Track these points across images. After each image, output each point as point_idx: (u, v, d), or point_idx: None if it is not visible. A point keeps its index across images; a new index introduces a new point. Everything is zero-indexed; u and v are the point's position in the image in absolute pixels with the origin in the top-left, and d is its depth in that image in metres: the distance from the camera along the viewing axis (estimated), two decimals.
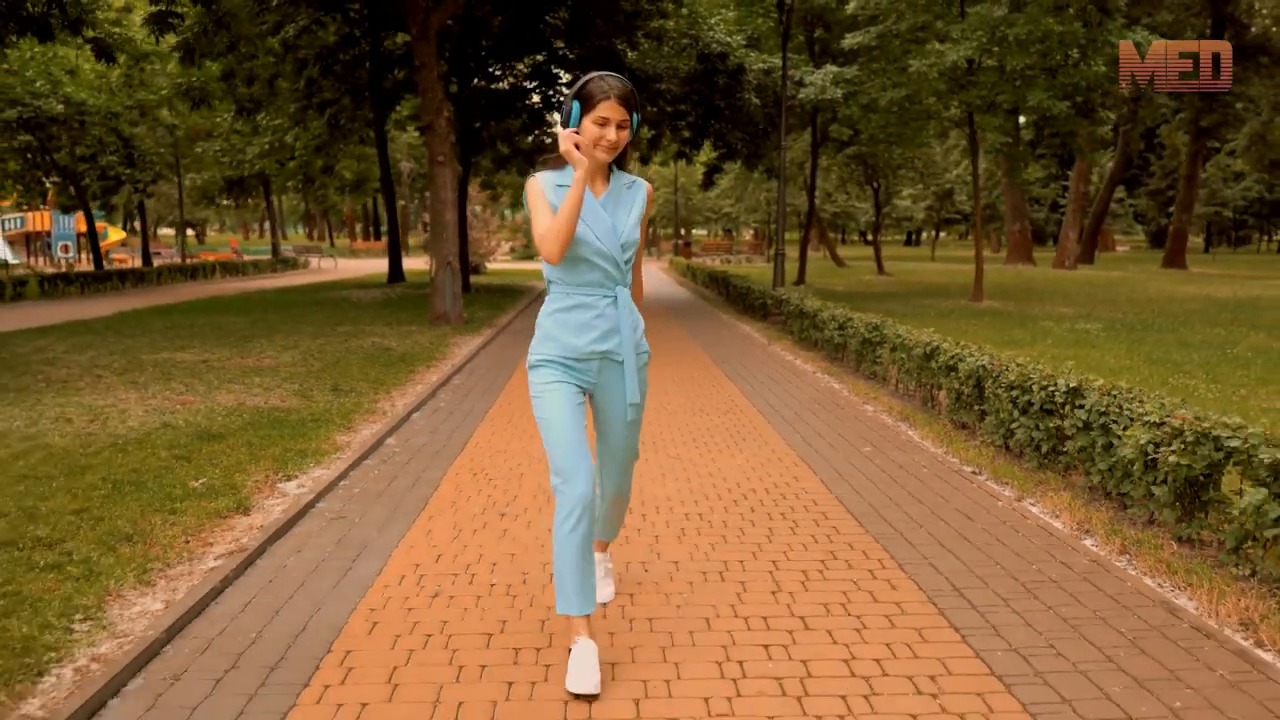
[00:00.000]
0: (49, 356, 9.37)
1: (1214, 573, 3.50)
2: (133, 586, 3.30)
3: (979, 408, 5.95)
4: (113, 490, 4.44)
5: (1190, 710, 2.53)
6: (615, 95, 2.60)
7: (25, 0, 9.63)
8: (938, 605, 3.25)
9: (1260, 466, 3.48)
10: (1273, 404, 7.14)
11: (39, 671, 2.65)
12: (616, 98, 2.60)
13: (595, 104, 2.60)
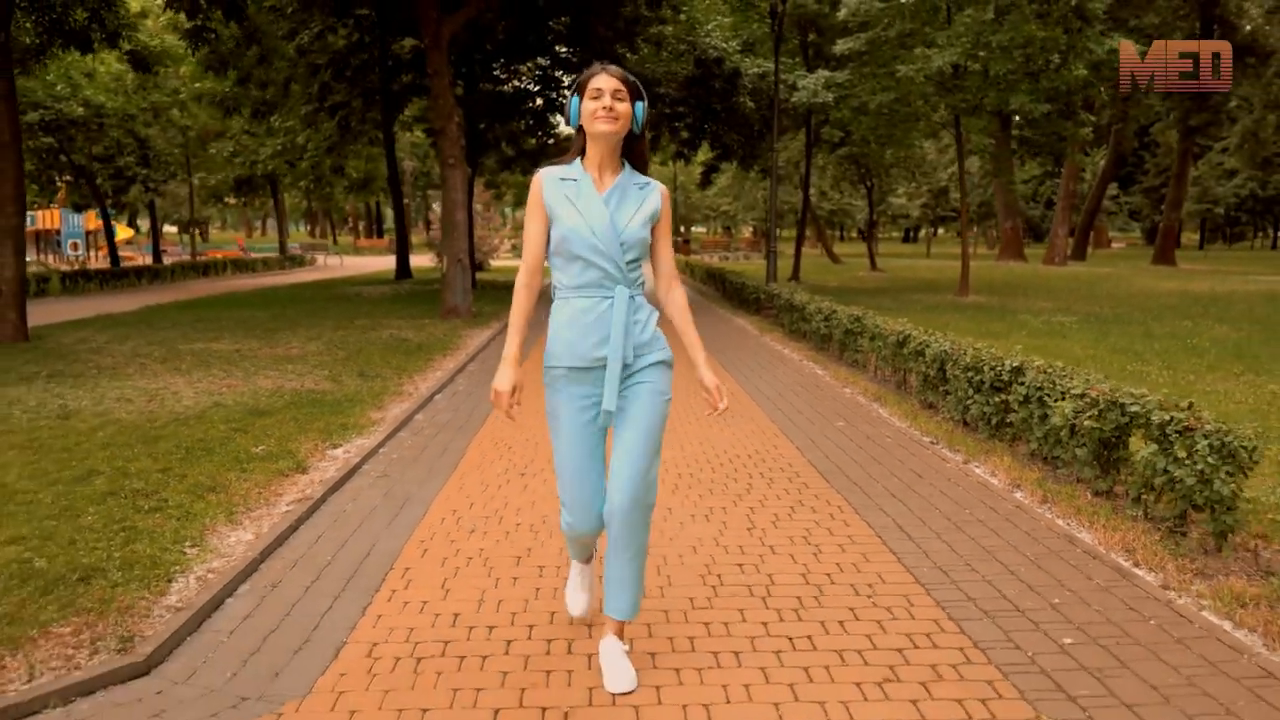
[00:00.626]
0: (93, 347, 10.09)
1: (1114, 515, 4.23)
2: (224, 524, 4.03)
3: (943, 388, 6.69)
4: (187, 454, 5.18)
5: (1065, 605, 3.26)
6: (606, 70, 2.58)
7: (69, 15, 10.41)
8: (882, 538, 3.99)
9: (1153, 427, 4.21)
10: (1215, 387, 7.87)
11: (169, 578, 3.38)
12: (607, 72, 2.57)
13: (587, 82, 2.57)
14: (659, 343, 2.69)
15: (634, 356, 2.63)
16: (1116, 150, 41.92)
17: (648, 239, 2.66)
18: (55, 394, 7.09)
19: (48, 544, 3.68)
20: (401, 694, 2.64)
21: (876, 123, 18.23)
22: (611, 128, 2.54)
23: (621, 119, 2.55)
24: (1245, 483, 3.83)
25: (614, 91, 2.54)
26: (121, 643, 2.84)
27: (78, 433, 5.75)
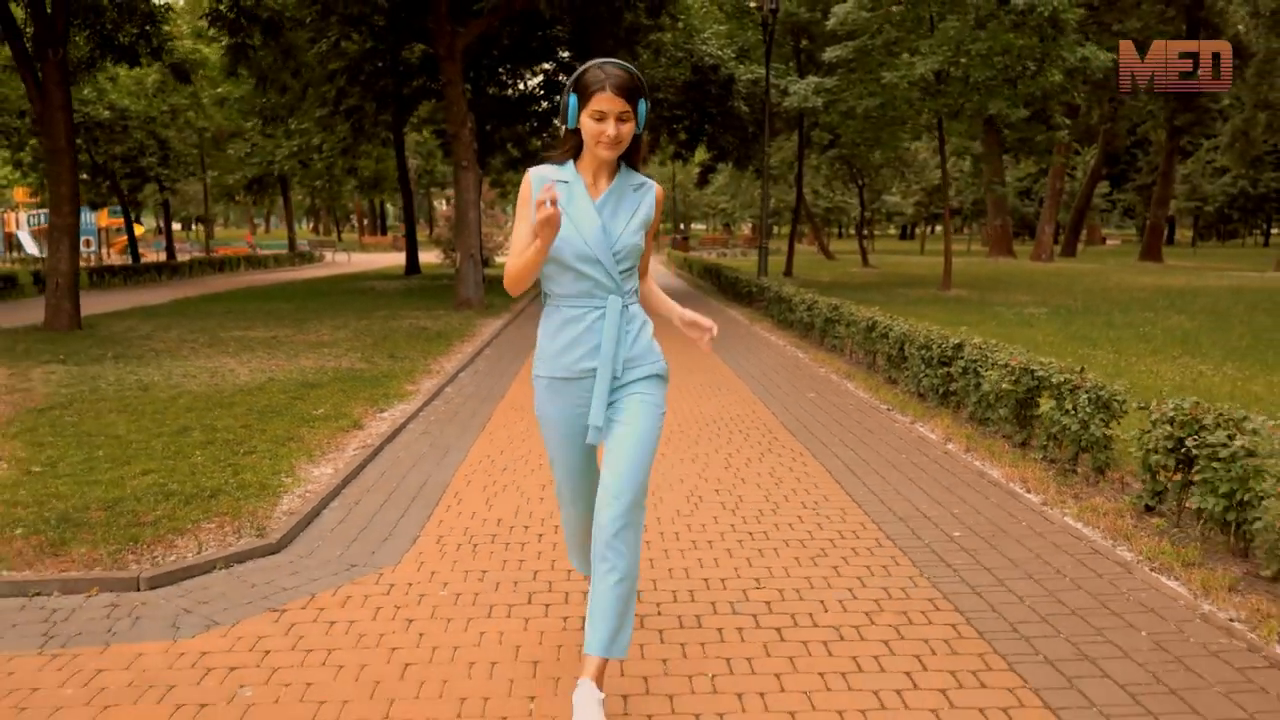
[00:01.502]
0: (142, 334, 11.11)
1: (1022, 459, 5.25)
2: (307, 462, 5.05)
3: (903, 366, 7.70)
4: (259, 416, 6.19)
5: (961, 514, 4.28)
6: (612, 86, 2.31)
7: (118, 32, 11.42)
8: (830, 472, 5.01)
9: (1054, 387, 5.22)
10: (1151, 368, 8.86)
11: (276, 496, 4.40)
12: (613, 88, 2.31)
13: (591, 96, 2.33)
14: (653, 355, 2.54)
15: (624, 369, 2.48)
16: (1106, 149, 42.92)
17: (642, 246, 2.51)
18: (128, 371, 8.11)
19: (173, 475, 4.69)
20: (464, 561, 3.67)
21: (864, 126, 19.23)
22: (615, 153, 2.40)
23: (625, 141, 2.38)
24: (1119, 429, 4.84)
25: (619, 114, 2.33)
26: (258, 532, 3.87)
27: (160, 400, 6.77)
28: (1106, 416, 4.79)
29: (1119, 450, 4.87)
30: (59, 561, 3.53)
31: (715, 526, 4.12)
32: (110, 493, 4.36)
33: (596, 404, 2.45)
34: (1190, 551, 3.71)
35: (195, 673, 2.75)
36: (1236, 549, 3.76)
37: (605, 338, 2.45)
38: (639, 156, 2.51)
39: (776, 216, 45.99)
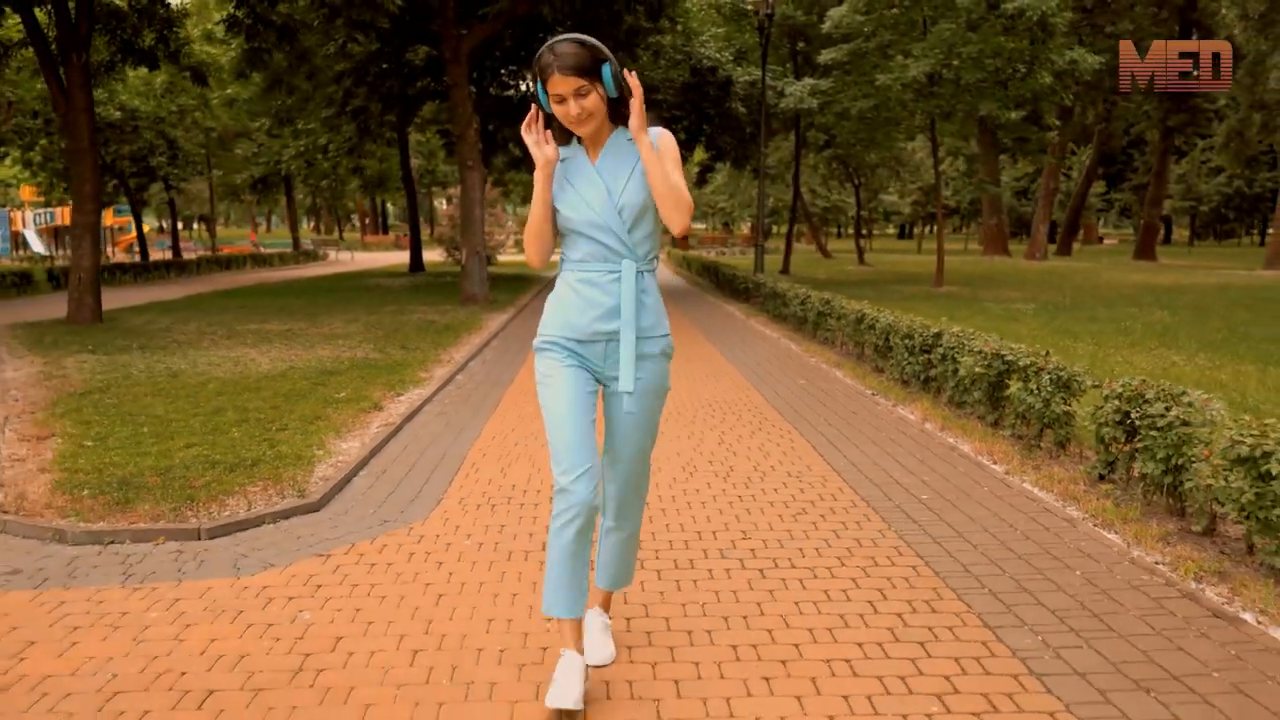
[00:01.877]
0: (162, 327, 11.56)
1: (992, 436, 5.71)
2: (335, 438, 5.50)
3: (888, 355, 8.16)
4: (285, 399, 6.65)
5: (932, 481, 4.74)
6: (559, 68, 2.30)
7: (137, 37, 11.87)
8: (815, 448, 5.47)
9: (1021, 370, 5.68)
10: (1127, 359, 9.31)
11: (311, 465, 4.85)
12: (560, 70, 2.30)
13: (547, 82, 2.34)
14: (662, 327, 2.56)
15: (637, 339, 2.50)
16: (1102, 149, 43.39)
17: (648, 204, 2.46)
18: (156, 360, 8.57)
19: (215, 448, 5.15)
20: (484, 518, 4.13)
21: (858, 127, 19.69)
22: (589, 127, 2.40)
23: (596, 112, 2.37)
24: (1078, 406, 5.29)
25: (575, 91, 2.32)
26: (299, 493, 4.33)
27: (190, 385, 7.22)
28: (1066, 395, 5.24)
29: (1079, 426, 5.33)
30: (127, 516, 3.99)
31: (708, 490, 4.58)
32: (160, 462, 4.82)
33: (625, 369, 2.47)
34: (1131, 511, 4.17)
35: (259, 601, 3.21)
36: (1173, 509, 4.21)
37: (624, 300, 2.45)
38: (632, 118, 2.39)
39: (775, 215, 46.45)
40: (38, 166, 27.33)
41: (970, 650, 2.84)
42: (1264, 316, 13.77)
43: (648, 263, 2.52)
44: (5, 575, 3.46)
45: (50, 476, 4.60)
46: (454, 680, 2.66)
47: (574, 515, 2.41)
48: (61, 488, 4.37)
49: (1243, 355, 9.52)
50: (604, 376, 2.56)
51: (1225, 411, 4.05)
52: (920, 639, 2.92)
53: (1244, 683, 2.63)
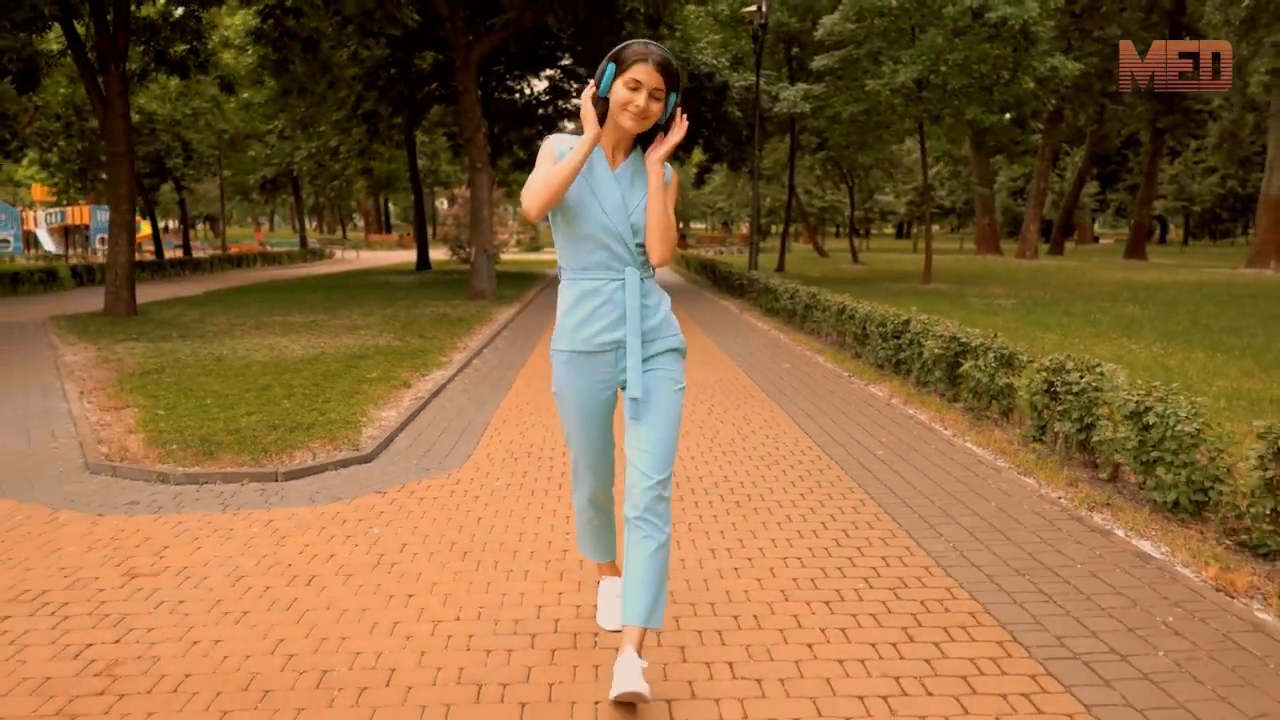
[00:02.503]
0: (192, 319, 12.38)
1: (946, 408, 6.53)
2: (374, 408, 6.32)
3: (866, 342, 8.98)
4: (323, 378, 7.47)
5: (888, 441, 5.56)
6: (654, 61, 2.38)
7: (170, 48, 12.69)
8: (792, 418, 6.29)
9: (974, 350, 6.50)
10: (1089, 348, 10.10)
11: (359, 428, 5.67)
12: (655, 63, 2.38)
13: (629, 66, 2.38)
14: (671, 327, 2.61)
15: (645, 343, 2.54)
16: (1096, 150, 44.22)
17: None
18: (198, 347, 9.39)
19: (273, 415, 5.97)
20: (510, 467, 4.95)
21: (849, 130, 20.50)
22: (637, 127, 2.44)
23: (651, 119, 2.44)
24: (1019, 380, 6.11)
25: (653, 90, 2.40)
26: (353, 448, 5.15)
27: (235, 368, 8.04)
28: (1008, 370, 6.07)
29: (1019, 398, 6.15)
30: (214, 463, 4.82)
31: (695, 448, 5.40)
32: (229, 425, 5.64)
33: (632, 376, 2.49)
34: (1051, 463, 5.00)
35: (336, 521, 4.04)
36: (1087, 461, 5.03)
37: (630, 309, 2.48)
38: (664, 147, 2.53)
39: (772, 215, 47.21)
40: (55, 167, 28.15)
41: (894, 552, 3.66)
42: (1229, 311, 14.58)
43: (648, 270, 2.57)
44: (127, 505, 4.28)
45: (139, 435, 5.42)
46: (497, 569, 3.48)
47: (592, 516, 2.85)
48: (153, 443, 5.19)
49: (1196, 344, 10.33)
50: (619, 381, 2.60)
51: (1125, 378, 4.87)
52: (858, 545, 3.74)
53: (1099, 570, 3.46)
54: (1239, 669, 2.68)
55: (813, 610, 3.10)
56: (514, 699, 2.52)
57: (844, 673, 2.66)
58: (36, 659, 2.74)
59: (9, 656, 2.76)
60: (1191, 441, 4.04)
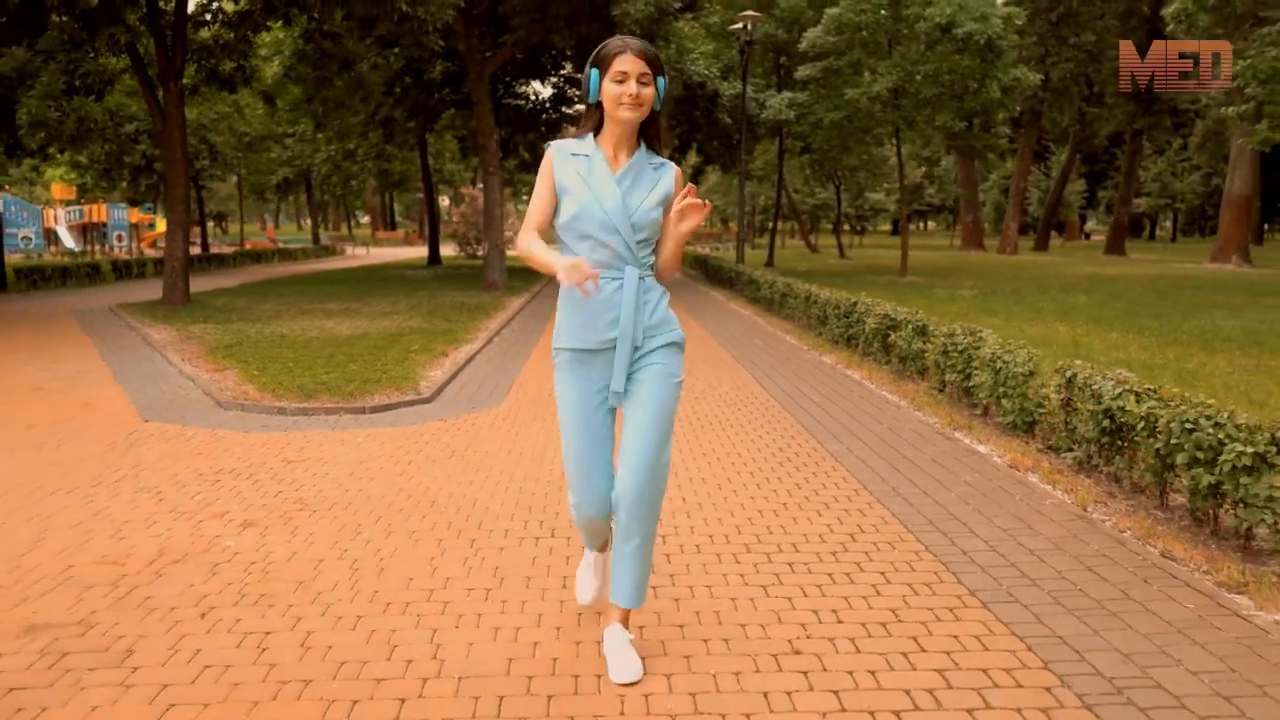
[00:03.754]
0: (241, 306, 14.02)
1: (879, 370, 8.18)
2: (423, 369, 7.97)
3: (826, 323, 10.63)
4: (375, 349, 9.12)
5: (847, 405, 7.23)
6: (633, 49, 2.46)
7: (220, 65, 14.34)
8: (753, 377, 7.95)
9: (898, 325, 8.15)
10: (1021, 329, 11.76)
11: (416, 382, 7.33)
12: (634, 51, 2.45)
13: (613, 59, 2.46)
14: (670, 324, 2.64)
15: (644, 338, 2.58)
16: (1079, 149, 45.88)
17: (660, 220, 2.58)
18: (259, 327, 11.04)
19: (345, 373, 7.62)
20: (536, 408, 6.61)
21: (831, 135, 22.13)
22: (636, 115, 2.49)
23: (646, 104, 2.49)
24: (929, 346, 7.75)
25: (640, 76, 2.46)
26: (416, 393, 6.82)
27: (297, 343, 9.69)
28: (923, 338, 7.72)
29: (929, 359, 7.80)
30: (315, 402, 6.48)
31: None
32: (314, 381, 7.29)
33: (618, 371, 2.55)
34: (941, 404, 6.65)
35: (416, 435, 5.70)
36: (970, 403, 6.69)
37: (625, 308, 2.51)
38: (656, 134, 2.62)
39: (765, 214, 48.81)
40: (84, 168, 29.76)
41: (802, 453, 5.32)
42: (1165, 300, 16.23)
43: (649, 268, 2.60)
44: (261, 426, 5.94)
45: (249, 386, 7.09)
46: (532, 459, 5.14)
47: (586, 534, 2.86)
48: (263, 390, 6.86)
49: (1117, 326, 11.98)
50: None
51: (993, 340, 6.52)
52: (777, 449, 5.40)
53: (938, 456, 5.12)
54: (1001, 499, 4.34)
55: (737, 474, 4.76)
56: (551, 521, 4.19)
57: (749, 498, 4.32)
58: (246, 501, 4.39)
59: (236, 497, 4.42)
60: (1024, 381, 5.70)
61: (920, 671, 2.67)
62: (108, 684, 2.60)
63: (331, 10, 12.26)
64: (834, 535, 3.89)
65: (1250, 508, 3.62)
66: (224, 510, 4.21)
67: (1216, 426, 3.84)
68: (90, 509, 4.22)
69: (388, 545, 3.76)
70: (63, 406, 6.63)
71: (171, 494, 4.46)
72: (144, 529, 3.94)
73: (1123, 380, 4.64)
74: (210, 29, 13.97)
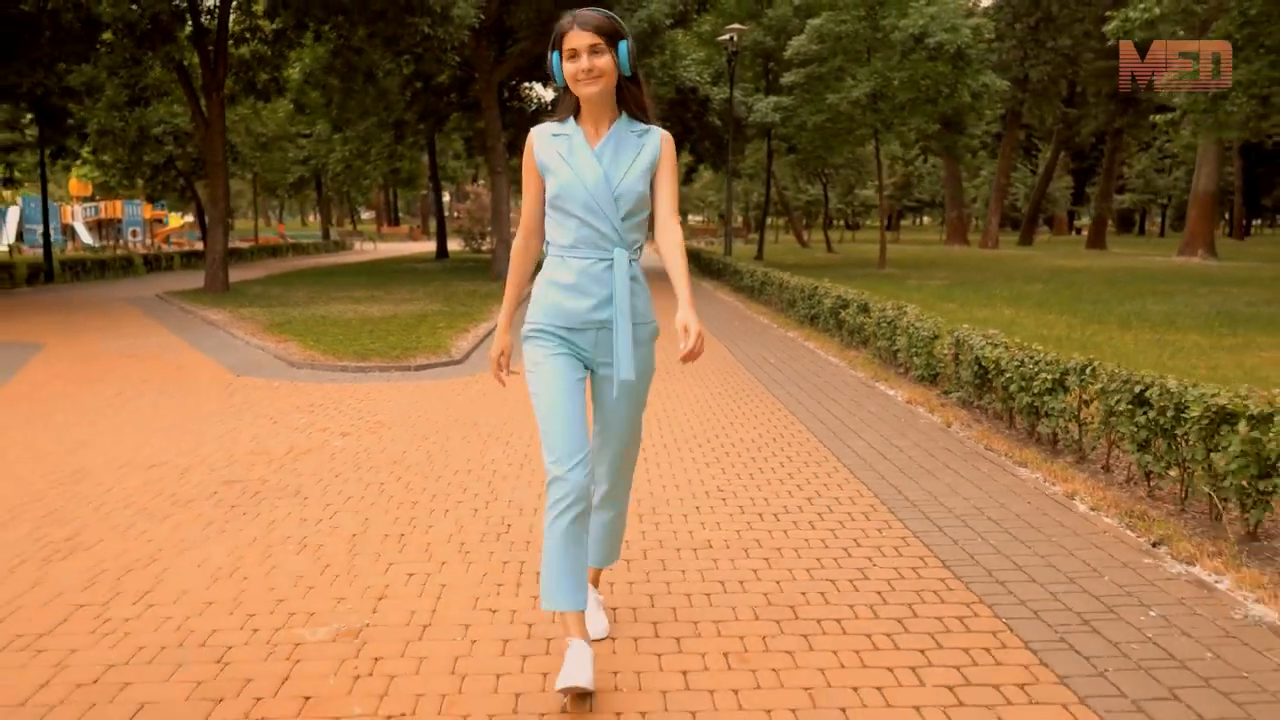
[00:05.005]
0: (278, 293, 15.61)
1: (831, 341, 9.78)
2: (452, 340, 9.57)
3: (794, 305, 12.23)
4: (407, 326, 10.70)
5: (814, 375, 8.84)
6: (578, 24, 2.41)
7: (255, 76, 15.93)
8: (727, 348, 9.55)
9: (848, 304, 9.75)
10: (970, 312, 13.35)
11: (448, 349, 8.93)
12: (579, 25, 2.41)
13: (562, 38, 2.43)
14: (648, 314, 2.66)
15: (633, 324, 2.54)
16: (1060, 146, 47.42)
17: (646, 194, 2.53)
18: (301, 310, 12.63)
19: (387, 343, 9.21)
20: None
21: (814, 136, 23.71)
22: (596, 87, 2.44)
23: (605, 75, 2.43)
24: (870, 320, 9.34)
25: (590, 47, 2.40)
26: (449, 357, 8.43)
27: (339, 322, 11.27)
28: (865, 314, 9.32)
29: (869, 331, 9.40)
30: (370, 362, 8.08)
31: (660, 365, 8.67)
32: (364, 349, 8.88)
33: (624, 358, 2.50)
34: (873, 364, 8.25)
35: (454, 385, 7.30)
36: (897, 364, 8.28)
37: (619, 288, 2.50)
38: (636, 100, 2.54)
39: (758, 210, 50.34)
40: (108, 166, 31.32)
41: (754, 397, 6.92)
42: (1113, 289, 17.80)
43: (636, 251, 2.58)
44: (331, 380, 7.54)
45: (313, 352, 8.69)
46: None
47: (571, 502, 2.42)
48: (325, 354, 8.46)
49: (1057, 310, 13.55)
50: (593, 363, 2.61)
51: (915, 312, 8.12)
52: (730, 397, 7.01)
53: (857, 398, 6.72)
54: (890, 420, 5.94)
55: (694, 409, 6.36)
56: None
57: (700, 421, 5.92)
58: (338, 421, 5.99)
59: (330, 419, 6.01)
60: (929, 342, 7.30)
61: (793, 498, 4.27)
62: (287, 507, 4.20)
63: (357, 28, 13.83)
64: (759, 440, 5.49)
65: (1051, 417, 5.22)
66: (324, 427, 5.81)
67: (1035, 364, 5.44)
68: (225, 428, 5.82)
69: (447, 444, 5.36)
70: (162, 369, 8.23)
71: (281, 419, 6.07)
72: (271, 438, 5.54)
73: (989, 336, 6.25)
74: (249, 45, 15.56)
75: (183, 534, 3.78)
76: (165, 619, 2.96)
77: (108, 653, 2.72)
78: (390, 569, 3.42)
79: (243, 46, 15.40)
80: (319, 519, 3.99)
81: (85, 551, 3.58)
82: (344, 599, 3.13)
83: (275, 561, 3.49)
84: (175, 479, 4.62)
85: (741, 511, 4.11)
